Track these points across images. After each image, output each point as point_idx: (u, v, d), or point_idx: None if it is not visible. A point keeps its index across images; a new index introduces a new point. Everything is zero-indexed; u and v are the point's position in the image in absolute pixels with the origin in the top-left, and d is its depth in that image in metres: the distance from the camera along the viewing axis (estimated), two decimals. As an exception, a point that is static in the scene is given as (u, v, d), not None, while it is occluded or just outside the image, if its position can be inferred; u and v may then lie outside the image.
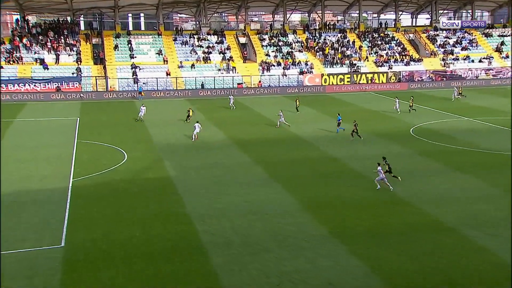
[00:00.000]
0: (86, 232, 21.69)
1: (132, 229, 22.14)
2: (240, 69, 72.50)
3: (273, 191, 27.42)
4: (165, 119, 48.69)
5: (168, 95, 65.29)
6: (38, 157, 34.20)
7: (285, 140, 40.38)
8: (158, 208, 24.76)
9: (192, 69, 70.84)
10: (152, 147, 37.64)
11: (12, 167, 31.50)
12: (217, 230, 22.07)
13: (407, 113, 51.24)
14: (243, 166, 32.51)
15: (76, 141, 39.00)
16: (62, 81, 62.93)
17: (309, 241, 20.95)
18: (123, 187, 28.14)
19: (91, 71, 67.62)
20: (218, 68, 71.93)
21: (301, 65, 74.57)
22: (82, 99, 61.77)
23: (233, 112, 53.87)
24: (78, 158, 34.20)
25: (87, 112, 53.51)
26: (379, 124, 46.73)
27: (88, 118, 49.27)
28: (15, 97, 60.00)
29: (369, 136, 41.33)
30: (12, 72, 64.65)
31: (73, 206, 24.91)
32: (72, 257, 19.48)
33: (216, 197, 26.48)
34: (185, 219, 23.33)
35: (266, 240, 21.03)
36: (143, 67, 69.19)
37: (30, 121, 47.97)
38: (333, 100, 60.36)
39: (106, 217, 23.52)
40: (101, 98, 62.65)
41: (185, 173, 30.85)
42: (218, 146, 37.94)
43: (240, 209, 24.69)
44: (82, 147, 37.36)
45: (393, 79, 73.74)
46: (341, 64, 75.84)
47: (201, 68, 71.75)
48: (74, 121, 47.67)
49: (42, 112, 53.09)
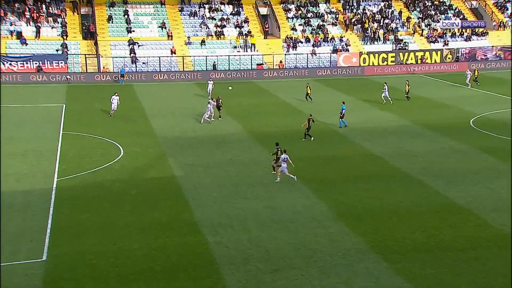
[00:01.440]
0: (73, 244, 21.82)
1: (129, 240, 22.21)
2: (260, 47, 72.34)
3: (300, 195, 27.35)
4: (169, 108, 48.91)
5: (173, 77, 65.56)
6: (14, 151, 34.57)
7: (314, 133, 40.14)
8: (160, 215, 24.83)
9: (202, 46, 70.92)
10: (154, 141, 37.82)
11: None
12: (232, 242, 22.03)
13: (466, 100, 50.45)
14: (264, 164, 32.42)
15: (61, 133, 39.37)
16: (44, 60, 63.58)
17: (343, 256, 20.82)
18: (118, 189, 28.29)
19: (80, 47, 68.18)
20: (233, 45, 71.86)
21: (335, 41, 74.06)
22: (68, 81, 62.41)
23: (252, 99, 53.82)
24: (64, 153, 34.49)
25: (74, 97, 54.02)
26: (431, 113, 46.20)
27: (76, 105, 49.74)
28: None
29: (419, 128, 40.91)
30: (-17, 48, 65.41)
31: (57, 211, 25.11)
32: (55, 273, 19.61)
33: (231, 201, 26.48)
34: (194, 229, 23.34)
35: (291, 255, 20.95)
36: (142, 43, 69.53)
37: (5, 108, 48.57)
38: (373, 85, 59.86)
39: (96, 225, 23.64)
40: (91, 80, 63.23)
41: (193, 172, 30.90)
42: (233, 140, 37.94)
43: (260, 216, 24.63)
44: (68, 140, 37.69)
45: (450, 58, 72.87)
46: (384, 40, 75.07)
47: (213, 45, 71.79)
48: (59, 109, 48.18)
49: (20, 97, 53.64)
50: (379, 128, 41.39)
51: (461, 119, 44.04)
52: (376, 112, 46.41)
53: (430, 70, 70.93)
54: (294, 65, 70.46)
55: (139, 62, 66.77)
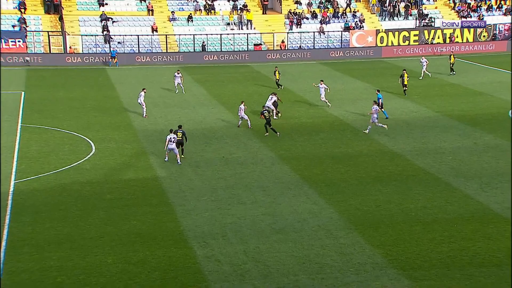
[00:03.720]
0: (34, 258, 21.81)
1: (102, 253, 22.24)
2: (258, 24, 72.35)
3: (305, 199, 27.42)
4: (150, 96, 48.79)
5: (155, 60, 65.64)
6: (-34, 148, 34.61)
7: (323, 126, 40.28)
8: (140, 224, 24.86)
9: (189, 23, 70.92)
10: (132, 135, 37.86)
11: None
12: (225, 255, 22.08)
13: (504, 87, 50.53)
14: (264, 163, 32.52)
15: (19, 126, 39.37)
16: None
17: (356, 272, 20.87)
18: (89, 193, 28.33)
19: (42, 23, 68.11)
20: (226, 22, 71.86)
21: (347, 17, 74.07)
22: (28, 64, 62.40)
23: (248, 86, 53.82)
24: (23, 150, 34.51)
25: (36, 83, 54.00)
26: (462, 103, 46.27)
27: (37, 93, 49.71)
28: None
29: (447, 120, 41.02)
30: None
31: (16, 219, 25.11)
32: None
33: (224, 208, 26.51)
34: (179, 239, 23.37)
35: (294, 270, 20.99)
36: (117, 18, 69.53)
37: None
38: (393, 69, 59.94)
39: (63, 236, 23.65)
40: (56, 63, 63.19)
41: (179, 173, 30.94)
42: (228, 135, 38.00)
43: (259, 225, 24.67)
44: (28, 134, 37.71)
45: (485, 36, 72.90)
46: (406, 16, 75.12)
47: (202, 21, 71.79)
48: (17, 97, 48.16)
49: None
50: (400, 120, 41.40)
51: (498, 109, 44.11)
52: (396, 102, 46.48)
53: (461, 50, 70.97)
54: (298, 45, 70.50)
55: (114, 42, 66.72)
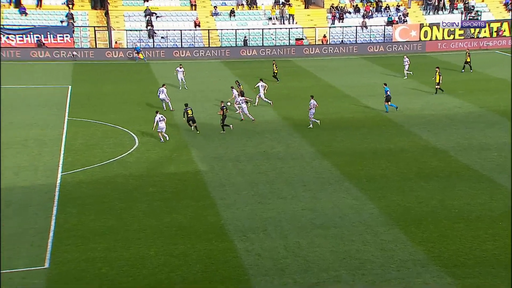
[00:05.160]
0: (80, 249, 22.18)
1: (145, 246, 22.49)
2: (300, 18, 72.01)
3: (346, 195, 27.29)
4: (192, 90, 49.14)
5: (197, 54, 65.84)
6: (12, 140, 35.23)
7: (363, 121, 39.94)
8: (181, 217, 25.07)
9: (231, 18, 70.98)
10: (174, 129, 38.08)
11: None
12: (265, 249, 22.11)
13: None
14: (304, 158, 32.44)
15: (66, 119, 39.97)
16: (47, 33, 64.52)
17: (397, 269, 20.71)
18: (132, 186, 28.65)
19: (88, 19, 69.00)
20: (268, 17, 71.69)
21: (390, 11, 73.19)
22: (75, 58, 63.17)
23: (289, 81, 53.69)
24: (70, 143, 35.04)
25: (82, 78, 54.71)
26: (508, 98, 45.23)
27: (83, 87, 50.36)
28: (-20, 55, 62.05)
29: (492, 116, 40.35)
30: (-24, 18, 66.61)
31: (62, 211, 25.57)
32: (59, 283, 19.99)
33: (264, 202, 26.54)
34: (220, 233, 23.50)
35: (334, 266, 20.92)
36: (161, 13, 69.99)
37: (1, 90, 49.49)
38: (436, 64, 58.92)
39: (107, 228, 23.99)
40: (102, 58, 63.92)
41: (220, 167, 31.06)
42: (268, 130, 37.98)
43: (299, 220, 24.64)
44: (75, 127, 38.26)
45: (533, 30, 71.12)
46: (451, 9, 73.85)
47: (244, 16, 71.76)
48: (64, 91, 48.86)
49: (18, 77, 54.53)
50: (443, 116, 40.84)
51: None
52: (439, 98, 45.81)
53: (508, 45, 69.24)
54: (340, 40, 69.96)
55: (157, 36, 67.23)
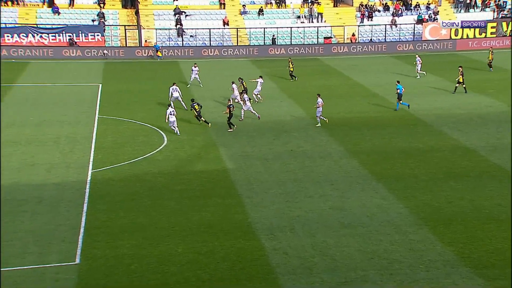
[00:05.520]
0: (109, 245, 22.45)
1: (173, 243, 22.66)
2: (329, 17, 71.83)
3: (374, 194, 27.20)
4: (220, 89, 49.25)
5: (225, 53, 66.08)
6: (44, 138, 35.80)
7: (392, 120, 39.70)
8: (209, 215, 25.20)
9: (259, 16, 71.06)
10: (202, 127, 38.27)
11: (9, 152, 33.13)
12: (293, 248, 22.13)
13: None
14: (332, 157, 32.40)
15: (97, 117, 40.41)
16: (78, 32, 65.27)
17: (426, 269, 20.59)
18: (161, 183, 28.88)
19: (119, 17, 69.63)
20: (297, 15, 71.63)
21: (420, 9, 72.61)
22: (105, 57, 63.86)
23: (317, 79, 53.61)
24: (100, 140, 35.45)
25: (112, 76, 55.26)
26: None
27: (114, 86, 50.85)
28: (14, 53, 63.14)
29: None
30: (11, 17, 67.74)
31: (92, 207, 25.90)
32: (89, 279, 20.25)
33: (292, 200, 26.57)
34: (248, 231, 23.57)
35: (362, 265, 20.88)
36: (190, 12, 70.33)
37: (34, 88, 50.29)
38: (467, 63, 58.36)
39: (136, 225, 24.23)
40: (132, 56, 64.49)
41: (248, 166, 31.17)
42: (295, 128, 38.01)
43: (326, 219, 24.63)
44: (105, 125, 38.69)
45: None
46: (483, 7, 72.98)
47: (273, 14, 71.80)
48: (95, 89, 49.40)
49: (51, 75, 55.38)
50: (474, 115, 40.46)
51: None
52: (470, 96, 45.37)
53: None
54: (369, 38, 69.63)
55: (186, 35, 67.58)
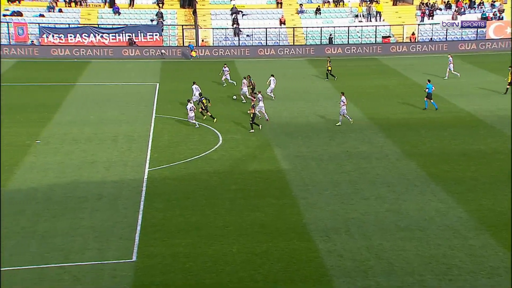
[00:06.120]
0: (165, 243, 22.75)
1: (227, 243, 22.79)
2: (388, 15, 71.02)
3: (432, 197, 26.78)
4: (276, 89, 49.21)
5: (282, 53, 66.06)
6: (103, 136, 36.50)
7: (452, 121, 39.00)
8: (263, 215, 25.24)
9: (316, 15, 70.80)
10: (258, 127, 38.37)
11: (69, 149, 33.97)
12: (348, 250, 22.00)
13: None
14: (389, 158, 32.08)
15: (154, 116, 40.98)
16: (137, 31, 66.31)
17: (488, 276, 20.17)
18: (215, 183, 29.09)
19: (177, 17, 70.47)
20: (355, 14, 71.09)
21: (484, 7, 70.96)
22: (163, 57, 64.70)
23: (375, 79, 53.11)
24: (156, 139, 35.94)
25: (169, 75, 55.96)
26: None
27: (170, 85, 51.47)
28: (76, 53, 64.71)
29: None
30: (74, 17, 69.52)
31: (149, 205, 26.29)
32: (145, 277, 20.54)
33: (347, 202, 26.41)
34: (302, 233, 23.52)
35: (419, 270, 20.58)
36: (247, 12, 70.61)
37: (94, 87, 51.40)
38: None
39: (191, 224, 24.47)
40: (189, 56, 65.07)
41: (303, 166, 31.10)
42: (351, 129, 37.73)
43: (383, 221, 24.38)
44: (161, 124, 39.20)
45: None
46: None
47: (330, 14, 71.42)
48: (152, 89, 50.14)
49: (110, 74, 56.59)
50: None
51: None
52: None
53: None
54: (429, 37, 68.49)
55: (243, 35, 67.85)
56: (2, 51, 62.00)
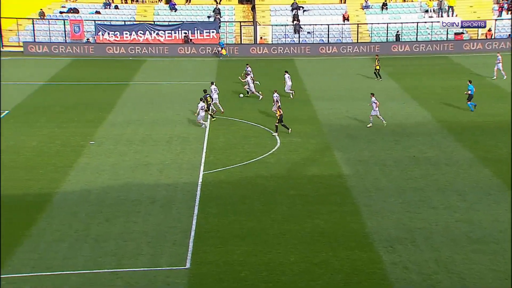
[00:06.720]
0: (219, 251, 22.88)
1: (284, 251, 22.77)
2: (461, 10, 69.79)
3: (508, 207, 26.17)
4: (338, 89, 49.12)
5: (344, 50, 65.74)
6: (158, 137, 37.00)
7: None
8: (323, 223, 25.16)
9: (383, 11, 70.16)
10: (317, 129, 38.28)
11: (123, 151, 34.60)
12: (413, 262, 21.71)
13: None
14: (459, 164, 31.54)
15: (209, 117, 41.29)
16: (194, 28, 67.12)
17: None
18: (273, 187, 29.13)
19: (235, 14, 70.97)
20: (424, 9, 70.16)
21: None
22: (219, 55, 65.11)
23: (446, 79, 52.29)
24: (212, 141, 36.25)
25: (226, 74, 56.28)
26: None
27: (226, 84, 51.71)
28: (131, 51, 65.96)
29: None
30: (129, 14, 70.96)
31: (203, 210, 26.53)
32: (200, 285, 20.71)
33: (413, 211, 26.09)
34: (364, 242, 23.35)
35: (494, 285, 20.24)
36: (308, 7, 70.53)
37: (149, 86, 52.21)
38: None
39: (247, 231, 24.56)
40: (246, 54, 65.43)
41: (366, 171, 30.89)
42: (419, 132, 37.33)
43: (453, 232, 23.98)
44: (217, 125, 39.51)
45: None
46: None
47: (398, 9, 70.70)
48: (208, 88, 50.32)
49: (165, 73, 57.45)
50: None
51: None
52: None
53: None
54: (507, 34, 66.93)
55: (303, 31, 67.76)
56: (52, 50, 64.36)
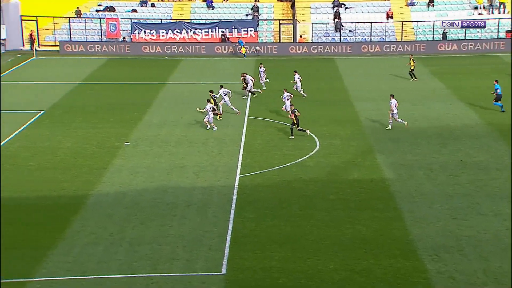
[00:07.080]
0: (257, 256, 22.83)
1: (324, 258, 22.64)
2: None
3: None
4: (380, 89, 48.74)
5: (388, 49, 65.28)
6: (193, 139, 37.17)
7: None
8: (365, 229, 24.96)
9: (429, 8, 69.44)
10: (359, 131, 38.04)
11: (158, 152, 34.80)
12: (461, 272, 21.41)
13: None
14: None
15: (246, 118, 41.36)
16: (231, 27, 67.29)
17: None
18: (312, 192, 29.01)
19: (274, 11, 70.99)
20: (474, 6, 69.24)
21: None
22: (258, 53, 65.23)
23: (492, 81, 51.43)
24: (249, 143, 36.24)
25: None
26: None
27: (266, 84, 51.71)
28: (168, 50, 66.50)
29: None
30: (166, 12, 71.50)
31: (240, 214, 26.51)
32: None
33: (460, 218, 25.75)
34: (408, 250, 23.09)
35: (545, 298, 19.74)
36: (350, 5, 70.21)
37: (185, 86, 52.48)
38: None
39: (284, 236, 24.45)
40: (285, 53, 65.45)
41: (410, 176, 30.58)
42: (466, 135, 36.92)
43: (503, 241, 23.60)
44: (255, 127, 39.50)
45: None
46: None
47: (445, 5, 69.90)
48: (246, 88, 50.55)
49: (202, 73, 57.74)
50: None
51: None
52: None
53: None
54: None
55: (345, 30, 67.46)
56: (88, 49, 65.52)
